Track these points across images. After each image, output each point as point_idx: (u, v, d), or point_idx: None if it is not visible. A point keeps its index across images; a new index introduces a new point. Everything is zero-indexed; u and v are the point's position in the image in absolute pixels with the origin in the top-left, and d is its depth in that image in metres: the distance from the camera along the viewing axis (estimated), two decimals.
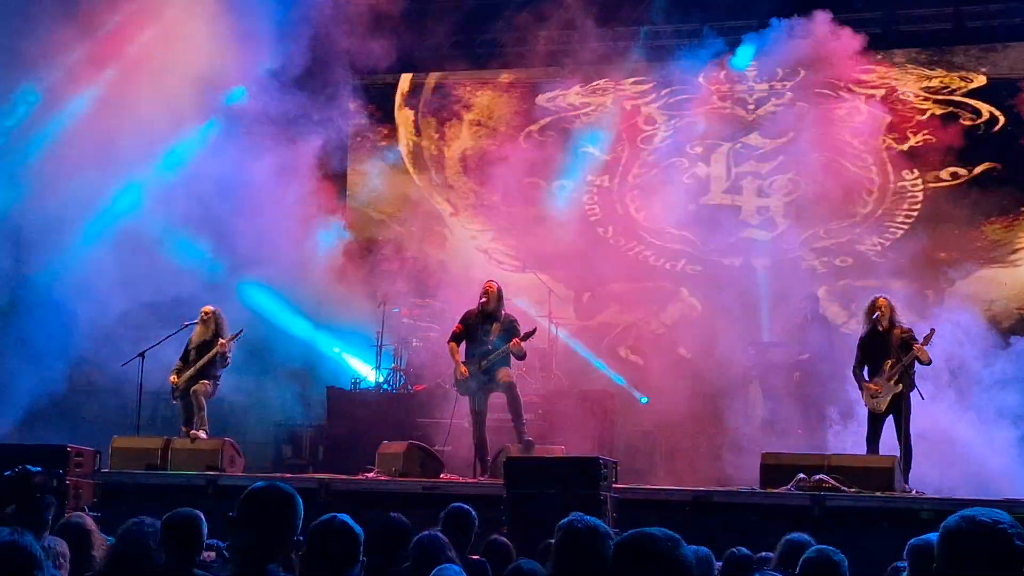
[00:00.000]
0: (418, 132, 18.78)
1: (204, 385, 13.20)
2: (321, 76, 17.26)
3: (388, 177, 18.64)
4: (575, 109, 18.06)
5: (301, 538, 3.91)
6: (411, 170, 18.70)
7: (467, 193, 17.92)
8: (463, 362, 12.66)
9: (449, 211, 18.50)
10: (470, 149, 17.79)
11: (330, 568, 4.27)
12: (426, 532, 5.87)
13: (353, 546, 4.47)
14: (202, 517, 5.50)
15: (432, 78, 18.74)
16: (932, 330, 11.85)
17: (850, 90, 16.73)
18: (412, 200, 18.29)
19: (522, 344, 12.45)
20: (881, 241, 16.39)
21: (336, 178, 18.24)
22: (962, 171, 16.34)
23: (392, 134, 18.98)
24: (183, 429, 13.16)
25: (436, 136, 18.26)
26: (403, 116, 19.01)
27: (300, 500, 3.97)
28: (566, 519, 4.14)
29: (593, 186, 17.81)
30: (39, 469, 5.52)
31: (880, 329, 11.78)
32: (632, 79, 17.74)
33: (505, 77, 17.94)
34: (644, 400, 15.95)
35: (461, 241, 18.39)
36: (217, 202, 15.87)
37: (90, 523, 6.26)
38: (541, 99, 17.93)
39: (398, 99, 19.02)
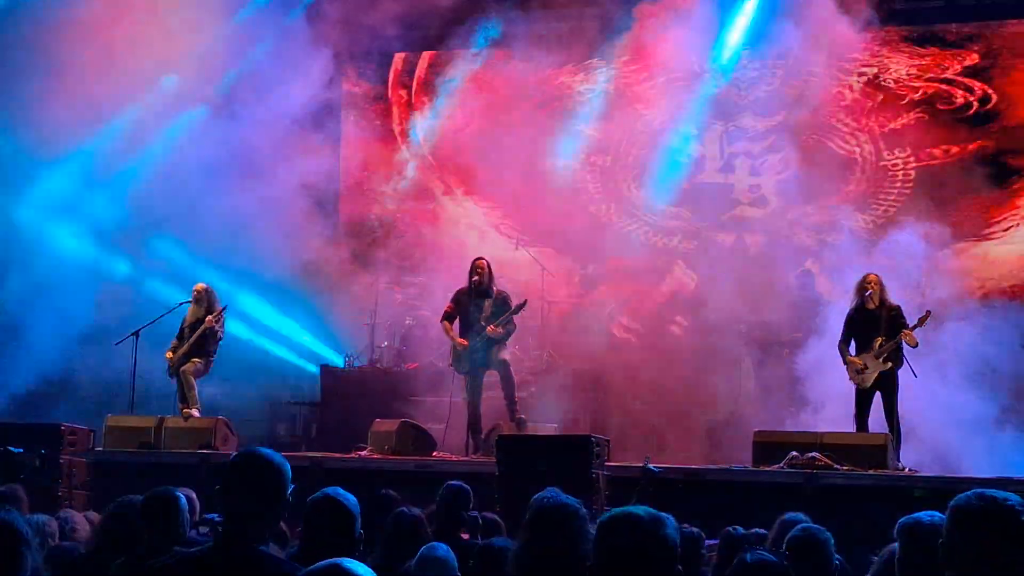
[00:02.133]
0: (412, 110, 18.71)
1: (194, 364, 13.22)
2: (314, 54, 17.18)
3: (381, 155, 18.59)
4: (570, 88, 18.00)
5: (291, 498, 3.81)
6: (404, 148, 18.66)
7: (460, 171, 17.87)
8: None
9: (441, 189, 18.47)
10: (464, 128, 17.73)
11: (326, 543, 4.28)
12: (402, 508, 5.88)
13: (347, 520, 4.49)
14: (180, 496, 5.55)
15: (426, 57, 18.67)
16: (928, 312, 11.87)
17: (842, 68, 16.69)
18: (405, 178, 18.25)
19: (514, 318, 12.53)
20: (873, 218, 16.39)
21: (329, 156, 18.16)
22: (954, 148, 16.34)
23: (386, 112, 18.93)
24: (180, 407, 13.19)
25: (430, 115, 18.20)
26: (397, 94, 18.95)
27: (285, 464, 3.85)
28: (537, 495, 4.08)
29: (588, 164, 17.76)
30: (21, 450, 5.53)
31: (870, 306, 11.78)
32: (627, 59, 17.66)
33: (500, 56, 17.84)
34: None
35: (454, 219, 18.37)
36: (206, 183, 15.83)
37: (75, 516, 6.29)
38: (536, 78, 17.85)
39: (392, 77, 18.95)
